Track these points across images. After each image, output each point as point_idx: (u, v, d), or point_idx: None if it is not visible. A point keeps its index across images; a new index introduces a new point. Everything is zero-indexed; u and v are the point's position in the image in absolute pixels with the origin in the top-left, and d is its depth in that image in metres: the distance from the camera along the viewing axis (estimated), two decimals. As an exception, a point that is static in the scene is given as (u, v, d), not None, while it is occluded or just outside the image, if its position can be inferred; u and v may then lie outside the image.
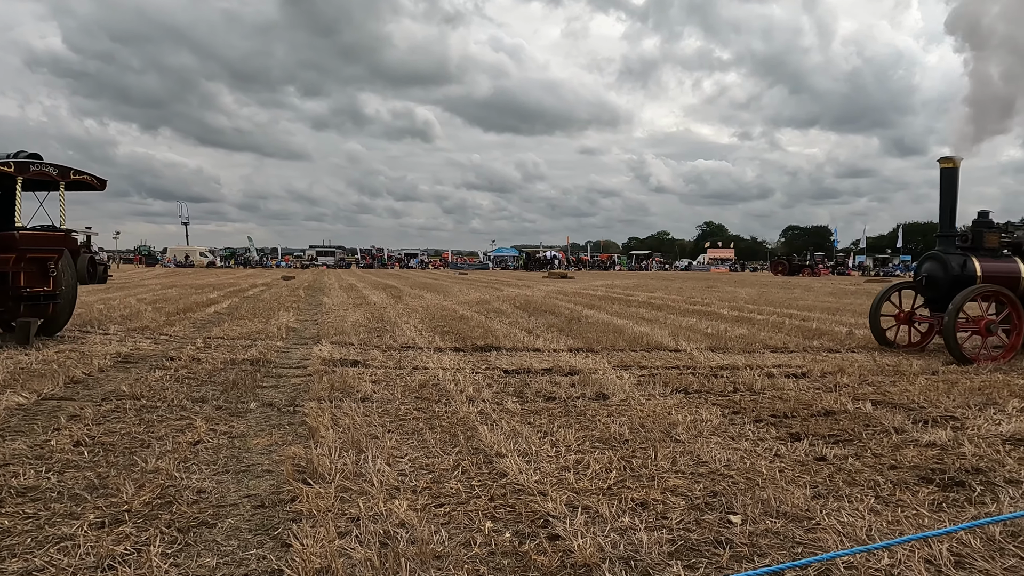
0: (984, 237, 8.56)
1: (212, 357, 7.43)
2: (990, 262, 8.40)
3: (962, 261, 8.30)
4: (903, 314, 9.28)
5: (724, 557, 2.69)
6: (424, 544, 2.73)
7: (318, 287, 24.02)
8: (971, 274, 8.21)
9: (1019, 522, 3.01)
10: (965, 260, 8.29)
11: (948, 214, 8.58)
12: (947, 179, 8.55)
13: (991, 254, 8.54)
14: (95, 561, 2.61)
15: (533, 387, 6.04)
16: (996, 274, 8.29)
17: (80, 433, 4.31)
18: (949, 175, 8.54)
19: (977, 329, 8.02)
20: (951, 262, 8.33)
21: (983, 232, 8.59)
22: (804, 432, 4.57)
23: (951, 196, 8.56)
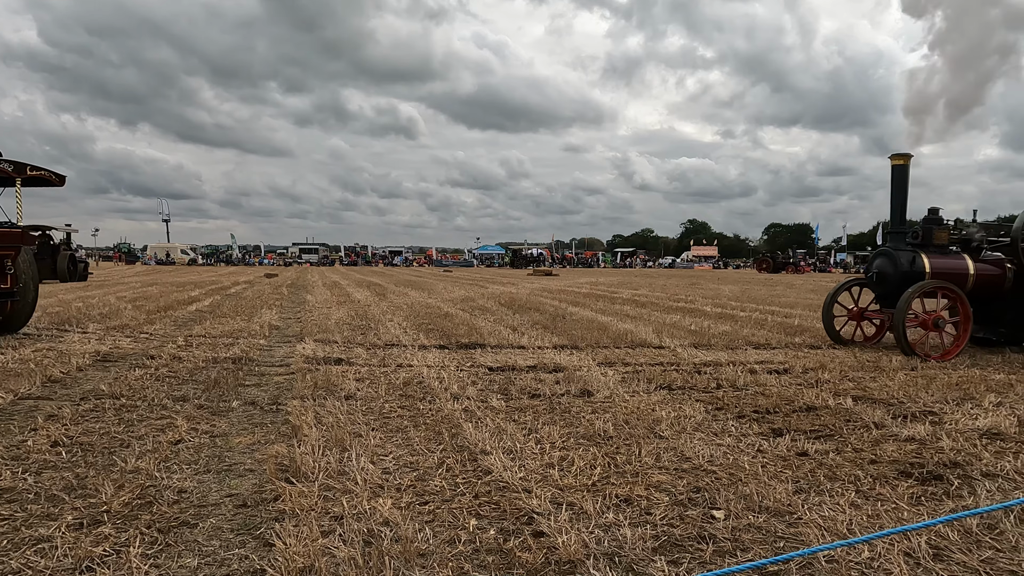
0: (934, 234, 8.64)
1: (193, 355, 7.35)
2: (939, 259, 8.48)
3: (911, 257, 8.38)
4: (855, 310, 9.38)
5: (707, 552, 2.71)
6: (408, 542, 2.72)
7: (301, 285, 23.84)
8: (920, 270, 8.29)
9: (995, 515, 3.06)
10: (914, 256, 8.38)
11: (899, 210, 8.65)
12: (898, 176, 8.62)
13: (940, 251, 8.63)
14: (73, 563, 2.57)
15: (518, 384, 6.04)
16: (945, 270, 8.38)
17: (58, 433, 4.24)
18: (900, 172, 8.60)
19: (925, 324, 8.13)
20: (901, 258, 8.42)
21: (933, 229, 8.66)
22: (786, 428, 4.62)
23: (902, 193, 8.64)
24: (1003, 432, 4.51)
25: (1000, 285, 8.63)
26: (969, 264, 8.56)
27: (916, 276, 8.26)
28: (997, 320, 8.90)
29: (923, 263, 8.33)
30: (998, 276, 8.62)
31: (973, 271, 8.50)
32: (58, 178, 9.62)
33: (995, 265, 8.70)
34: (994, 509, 3.07)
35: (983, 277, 8.57)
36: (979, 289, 8.58)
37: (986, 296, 8.76)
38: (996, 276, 8.62)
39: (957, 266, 8.54)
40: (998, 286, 8.64)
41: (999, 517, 3.04)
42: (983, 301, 8.86)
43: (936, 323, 8.09)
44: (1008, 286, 8.61)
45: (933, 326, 8.09)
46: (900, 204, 8.66)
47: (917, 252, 8.44)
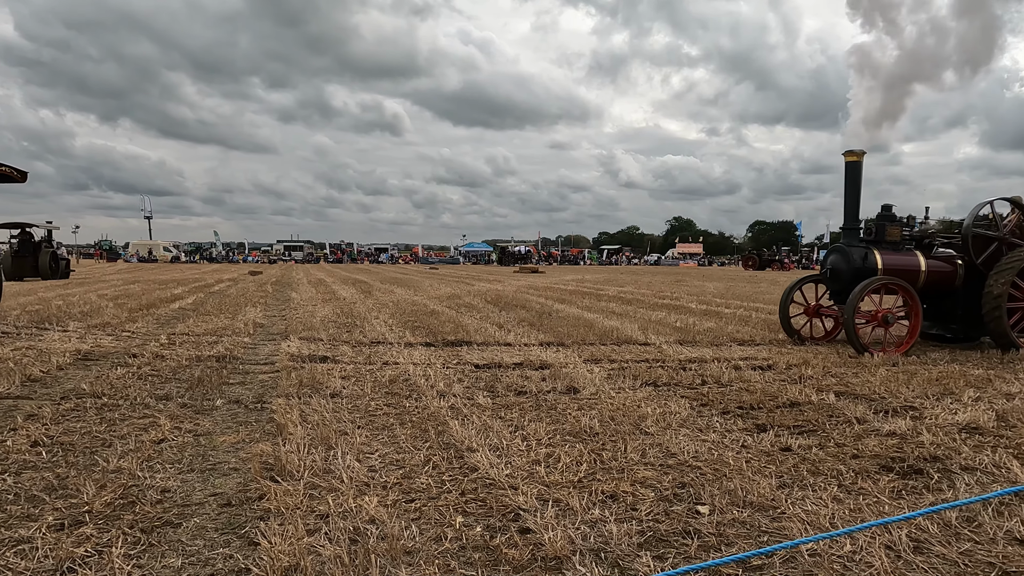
0: (886, 230, 8.69)
1: (177, 354, 7.27)
2: (891, 255, 8.51)
3: (864, 254, 8.39)
4: (811, 307, 9.43)
5: (692, 547, 2.73)
6: (394, 540, 2.71)
7: (286, 282, 23.68)
8: (872, 267, 8.31)
9: (973, 507, 3.11)
10: (867, 253, 8.39)
11: (852, 207, 8.62)
12: (851, 172, 8.60)
13: (893, 247, 8.67)
14: (54, 564, 2.53)
15: (504, 381, 6.04)
16: (897, 267, 8.41)
17: (38, 433, 4.18)
18: (853, 168, 8.58)
19: (876, 321, 8.17)
20: (853, 255, 8.42)
21: (885, 225, 8.71)
22: (770, 423, 4.66)
23: (855, 189, 8.63)
24: (981, 426, 4.58)
25: (951, 282, 8.66)
26: (921, 261, 8.59)
27: (868, 272, 8.27)
28: (949, 316, 8.94)
29: (875, 259, 8.34)
30: (949, 273, 8.65)
31: (925, 268, 8.53)
32: (20, 174, 9.45)
33: (946, 262, 8.74)
34: (972, 502, 3.12)
35: (935, 274, 8.60)
36: (931, 286, 8.62)
37: (938, 292, 8.80)
38: (947, 273, 8.66)
39: (909, 263, 8.57)
40: (949, 283, 8.67)
41: (977, 510, 3.09)
42: (936, 297, 8.92)
43: (886, 319, 8.14)
44: (959, 283, 8.65)
45: (883, 322, 8.15)
46: (853, 200, 8.65)
47: (870, 248, 8.45)
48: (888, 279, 8.15)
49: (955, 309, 8.82)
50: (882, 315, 8.11)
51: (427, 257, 78.07)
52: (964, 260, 8.67)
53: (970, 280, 8.60)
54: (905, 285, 8.18)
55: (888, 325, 8.16)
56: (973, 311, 8.42)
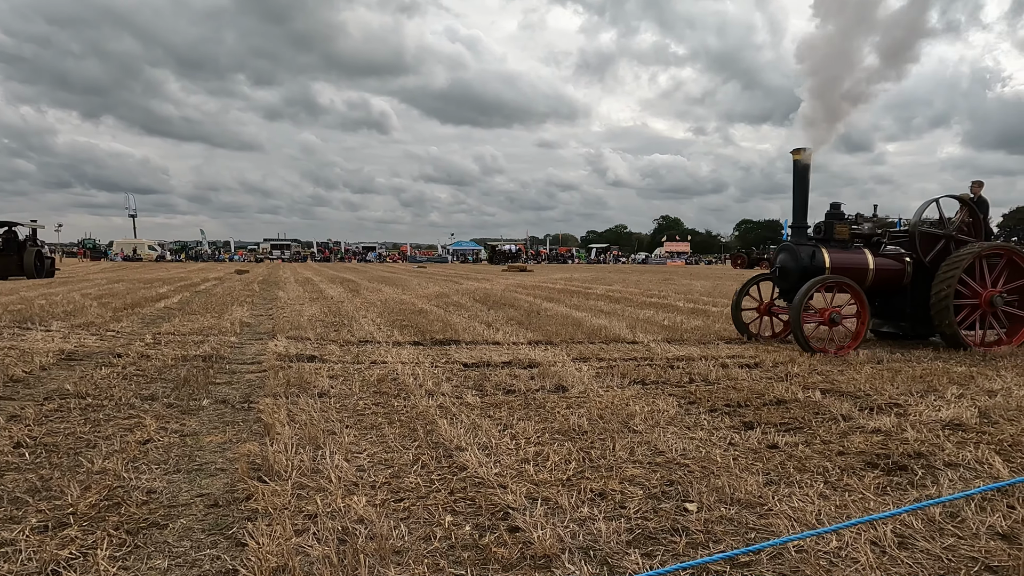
0: (834, 228, 8.67)
1: (162, 353, 7.21)
2: (839, 253, 8.48)
3: (811, 252, 8.36)
4: (763, 306, 9.44)
5: (680, 544, 2.75)
6: (383, 540, 2.71)
7: (273, 281, 23.53)
8: (820, 265, 8.28)
9: (957, 503, 3.15)
10: (814, 251, 8.36)
11: (801, 205, 8.58)
12: (799, 170, 8.52)
13: (841, 245, 8.65)
14: (38, 566, 2.51)
15: (493, 380, 6.04)
16: (844, 265, 8.38)
17: (21, 434, 4.13)
18: (800, 166, 8.50)
19: (822, 319, 8.13)
20: (801, 253, 8.39)
21: (833, 223, 8.69)
22: (757, 421, 4.69)
23: (803, 187, 8.54)
24: (964, 423, 4.64)
25: (900, 280, 8.65)
26: (869, 259, 8.57)
27: (816, 271, 8.24)
28: (899, 314, 8.96)
29: (823, 258, 8.31)
30: (898, 271, 8.64)
31: (873, 266, 8.52)
32: None
33: (895, 259, 8.73)
34: (956, 498, 3.16)
35: (883, 271, 8.59)
36: (880, 284, 8.61)
37: (887, 290, 8.80)
38: (896, 271, 8.65)
39: (857, 261, 8.54)
40: (898, 281, 8.66)
41: (960, 505, 3.13)
42: (885, 295, 8.92)
43: (832, 318, 8.05)
44: (908, 280, 8.65)
45: (829, 321, 8.05)
46: (802, 198, 8.57)
47: (817, 247, 8.42)
48: (834, 277, 8.11)
49: (904, 307, 8.82)
50: (829, 314, 8.06)
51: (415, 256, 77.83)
52: (912, 258, 8.66)
53: (919, 278, 8.59)
54: (852, 283, 8.14)
55: (834, 324, 8.10)
56: (922, 309, 8.39)
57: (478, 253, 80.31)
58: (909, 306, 8.76)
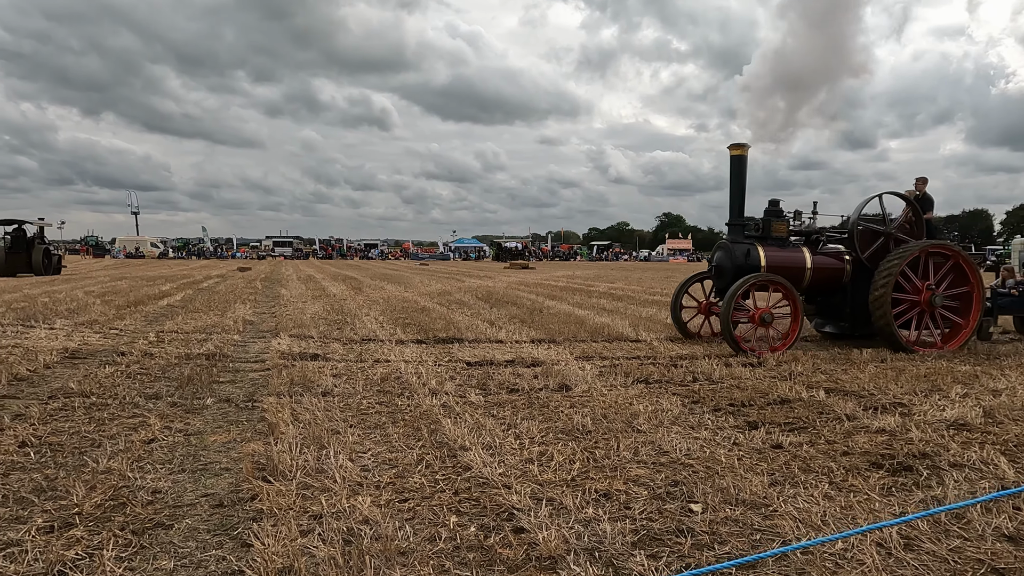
0: (772, 226, 8.47)
1: (166, 352, 7.22)
2: (776, 251, 8.29)
3: (746, 250, 8.17)
4: (704, 304, 9.25)
5: (686, 545, 2.74)
6: (388, 540, 2.71)
7: (276, 279, 23.54)
8: (755, 263, 8.09)
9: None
10: (749, 249, 8.18)
11: (737, 202, 8.40)
12: (736, 166, 8.32)
13: (779, 243, 8.45)
14: (44, 567, 2.51)
15: (496, 379, 6.04)
16: (781, 264, 8.21)
17: (26, 433, 4.14)
18: (737, 162, 8.31)
19: (753, 319, 7.93)
20: (736, 251, 8.21)
21: (771, 221, 8.46)
22: (761, 420, 4.69)
23: (740, 183, 8.34)
24: (969, 423, 4.63)
25: (839, 278, 8.48)
26: (807, 257, 8.38)
27: (751, 269, 8.05)
28: (839, 314, 8.79)
29: (758, 256, 8.14)
30: (837, 269, 8.47)
31: (811, 264, 8.32)
32: None
33: (835, 258, 8.56)
34: (966, 505, 3.15)
35: (822, 270, 8.41)
36: (819, 282, 8.44)
37: (827, 289, 8.62)
38: (835, 269, 8.47)
39: (794, 259, 8.35)
40: (837, 279, 8.49)
41: (966, 507, 3.12)
42: (826, 294, 8.76)
43: (763, 318, 7.84)
44: (847, 279, 8.48)
45: (760, 321, 7.85)
46: (738, 196, 8.39)
47: (753, 245, 8.26)
48: (765, 276, 7.91)
49: (845, 306, 8.64)
50: (760, 314, 7.85)
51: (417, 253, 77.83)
52: (853, 256, 8.49)
53: (858, 277, 8.38)
54: (783, 282, 7.93)
55: (766, 324, 7.90)
56: (862, 308, 8.21)
57: (480, 250, 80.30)
58: (849, 305, 8.57)
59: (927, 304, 8.13)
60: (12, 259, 23.60)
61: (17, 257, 23.73)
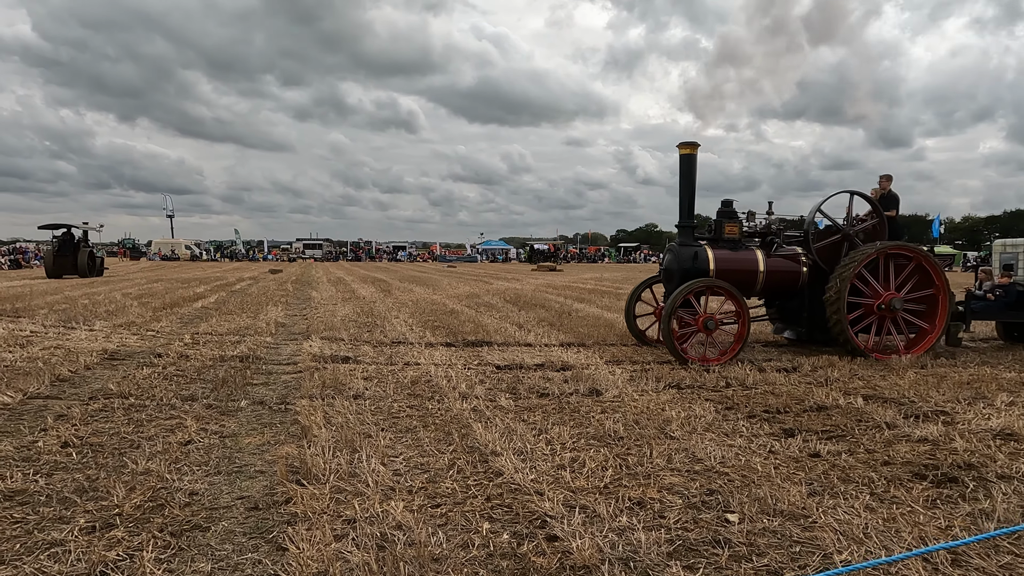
0: (723, 227, 8.06)
1: (201, 354, 7.34)
2: (726, 254, 7.89)
3: (693, 253, 7.78)
4: (658, 309, 8.85)
5: (723, 557, 2.69)
6: (422, 546, 2.70)
7: (306, 281, 23.85)
8: (703, 267, 7.72)
9: (1013, 519, 3.03)
10: (696, 252, 7.78)
11: (686, 203, 8.00)
12: (685, 165, 7.92)
13: (731, 245, 8.04)
14: (87, 568, 2.56)
15: (526, 383, 6.02)
16: (732, 267, 7.81)
17: (68, 434, 4.24)
18: (687, 162, 7.91)
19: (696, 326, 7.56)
20: (683, 254, 7.83)
21: (723, 222, 8.09)
22: (797, 428, 4.59)
23: (690, 183, 7.94)
24: (1017, 432, 4.47)
25: (795, 281, 8.07)
26: (760, 260, 7.94)
27: (699, 272, 7.67)
28: (797, 318, 8.38)
29: (707, 259, 7.76)
30: (793, 272, 8.05)
31: (764, 267, 7.89)
32: None
33: (790, 260, 8.12)
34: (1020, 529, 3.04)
35: (776, 273, 7.98)
36: (773, 285, 8.05)
37: (783, 293, 8.26)
38: (791, 272, 8.05)
39: (745, 262, 7.91)
40: (793, 282, 8.08)
41: (1017, 521, 3.01)
42: (783, 298, 8.40)
43: (707, 324, 7.46)
44: (804, 282, 8.07)
45: (703, 327, 7.47)
46: (688, 196, 7.98)
47: (702, 247, 7.87)
48: (708, 281, 7.51)
49: (802, 311, 8.23)
50: (703, 320, 7.47)
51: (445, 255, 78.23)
52: (810, 258, 8.08)
53: (815, 280, 7.99)
54: (728, 287, 7.54)
55: (709, 331, 7.52)
56: (819, 312, 7.81)
57: (507, 252, 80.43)
58: (807, 309, 8.16)
59: (886, 308, 7.71)
60: (60, 261, 24.84)
61: (64, 260, 24.94)
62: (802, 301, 8.25)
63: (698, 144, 7.96)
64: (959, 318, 8.45)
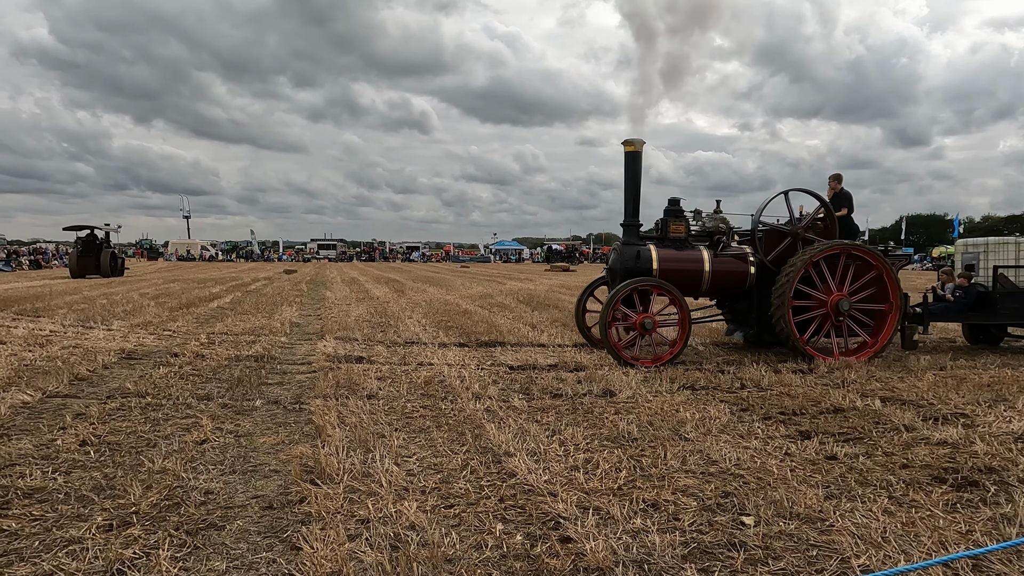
0: (668, 226, 7.89)
1: (216, 353, 7.40)
2: (671, 253, 7.73)
3: (635, 252, 7.62)
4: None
5: (738, 560, 2.66)
6: (435, 547, 2.70)
7: (320, 281, 23.99)
8: (646, 266, 7.56)
9: (1035, 523, 2.98)
10: (639, 251, 7.63)
11: (631, 201, 7.83)
12: (630, 163, 7.75)
13: (677, 244, 7.86)
14: (104, 565, 2.58)
15: (539, 384, 6.01)
16: (675, 266, 7.64)
17: (86, 432, 4.29)
18: (632, 159, 7.73)
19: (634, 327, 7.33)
20: (626, 253, 7.67)
21: (668, 221, 7.93)
22: (814, 430, 4.54)
23: (635, 182, 7.77)
24: (1039, 436, 4.39)
25: (743, 282, 7.82)
26: (705, 259, 7.73)
27: (641, 271, 7.52)
28: (746, 319, 8.18)
29: (650, 258, 7.60)
30: (740, 272, 7.80)
31: (709, 267, 7.69)
32: None
33: (738, 260, 7.87)
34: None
35: (722, 273, 7.76)
36: (720, 286, 7.86)
37: (730, 293, 8.07)
38: (738, 272, 7.81)
39: (690, 261, 7.73)
40: (741, 283, 7.84)
41: (1039, 526, 2.95)
42: (731, 298, 8.23)
43: (644, 325, 7.26)
44: (752, 283, 7.82)
45: (641, 328, 7.27)
46: (633, 194, 7.81)
47: (646, 246, 7.70)
48: (643, 280, 7.35)
49: (751, 311, 8.02)
50: (640, 321, 7.26)
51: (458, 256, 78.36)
52: (758, 258, 7.84)
53: (764, 280, 7.74)
54: (667, 286, 7.38)
55: (647, 331, 7.31)
56: (767, 313, 7.57)
57: (520, 252, 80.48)
58: (756, 310, 7.91)
59: (833, 309, 7.45)
60: (83, 262, 25.69)
61: (88, 260, 25.77)
62: (751, 302, 8.02)
63: (643, 142, 7.77)
64: (917, 320, 8.17)
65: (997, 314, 8.20)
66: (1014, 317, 8.21)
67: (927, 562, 2.54)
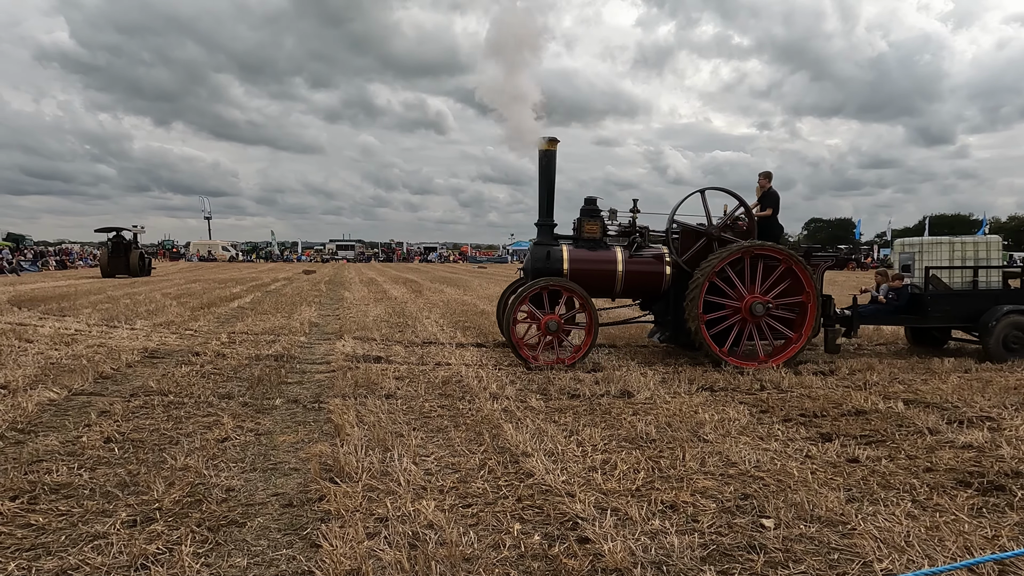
0: (584, 226, 7.74)
1: (237, 352, 7.49)
2: (583, 253, 7.59)
3: (546, 252, 7.51)
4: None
5: (758, 563, 2.64)
6: (453, 546, 2.71)
7: (339, 281, 24.16)
8: (556, 266, 7.45)
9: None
10: (550, 251, 7.51)
11: (545, 200, 7.67)
12: (544, 162, 7.59)
13: (591, 244, 7.69)
14: (128, 560, 2.62)
15: (556, 384, 6.00)
16: (587, 267, 7.49)
17: (110, 429, 4.36)
18: (546, 158, 7.57)
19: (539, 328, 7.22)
20: (537, 253, 7.59)
21: (583, 221, 7.76)
22: (835, 432, 4.49)
23: (549, 180, 7.62)
24: (1067, 440, 4.30)
25: (659, 283, 7.63)
26: (619, 259, 7.57)
27: (552, 271, 7.44)
28: (664, 321, 7.99)
29: (561, 258, 7.48)
30: (655, 273, 7.61)
31: (623, 267, 7.52)
32: None
33: (653, 261, 7.68)
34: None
35: (636, 274, 7.58)
36: (635, 287, 7.69)
37: (647, 294, 7.90)
38: (653, 273, 7.61)
39: (603, 262, 7.57)
40: (656, 284, 7.64)
41: (1068, 532, 2.89)
42: (648, 299, 8.08)
43: (549, 326, 7.14)
44: (668, 284, 7.63)
45: (546, 330, 7.15)
46: (547, 193, 7.65)
47: (557, 246, 7.59)
48: (552, 281, 7.21)
49: (667, 313, 7.85)
50: (545, 322, 7.14)
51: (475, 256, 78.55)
52: (673, 259, 7.62)
53: (680, 281, 7.54)
54: (573, 287, 7.25)
55: (553, 333, 7.18)
56: (682, 315, 7.36)
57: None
58: (671, 312, 7.73)
59: (747, 312, 7.25)
60: (113, 262, 26.84)
61: (117, 260, 26.93)
62: (667, 303, 7.87)
63: (557, 140, 7.64)
64: (846, 323, 7.95)
65: (928, 317, 7.91)
66: (946, 319, 7.95)
67: (951, 565, 2.50)
